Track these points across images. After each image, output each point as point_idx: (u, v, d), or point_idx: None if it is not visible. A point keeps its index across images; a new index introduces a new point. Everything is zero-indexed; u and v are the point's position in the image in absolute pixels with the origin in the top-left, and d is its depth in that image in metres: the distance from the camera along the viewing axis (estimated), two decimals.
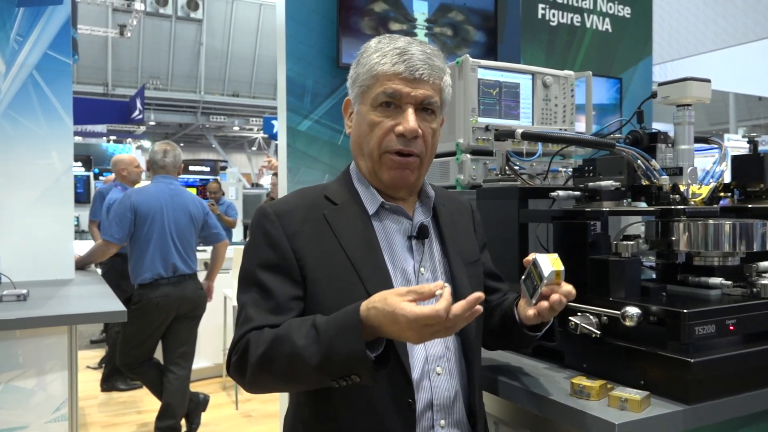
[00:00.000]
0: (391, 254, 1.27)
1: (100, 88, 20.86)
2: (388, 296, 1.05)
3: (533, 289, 1.22)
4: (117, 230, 3.49)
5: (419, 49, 1.25)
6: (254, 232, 1.27)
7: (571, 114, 2.32)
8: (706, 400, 1.26)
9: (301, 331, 1.11)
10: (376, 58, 1.25)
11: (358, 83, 1.28)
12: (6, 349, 2.23)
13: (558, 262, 1.19)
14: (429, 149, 1.29)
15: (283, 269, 1.22)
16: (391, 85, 1.23)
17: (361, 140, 1.29)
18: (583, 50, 4.69)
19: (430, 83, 1.25)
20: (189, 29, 21.37)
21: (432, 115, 1.28)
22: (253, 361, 1.14)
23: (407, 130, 1.23)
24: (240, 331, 1.19)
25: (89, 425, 4.24)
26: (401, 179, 1.27)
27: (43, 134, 3.22)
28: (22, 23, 3.18)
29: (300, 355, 1.08)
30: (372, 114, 1.25)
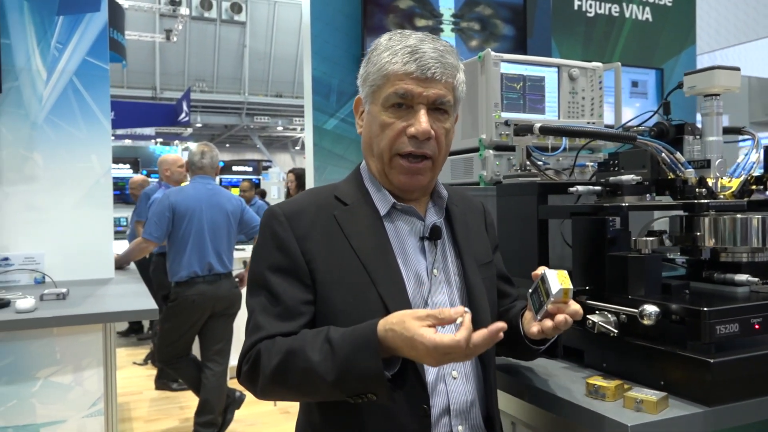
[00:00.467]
0: (404, 256, 1.25)
1: (149, 92, 21.39)
2: (406, 320, 1.03)
3: (539, 304, 1.19)
4: (155, 229, 3.59)
5: (431, 46, 1.21)
6: (263, 235, 1.25)
7: (599, 107, 2.26)
8: (727, 402, 1.21)
9: (315, 344, 1.10)
10: (386, 57, 1.21)
11: (368, 82, 1.25)
12: (45, 346, 2.32)
13: (567, 280, 1.16)
14: (442, 150, 1.26)
15: (293, 272, 1.20)
16: (403, 86, 1.19)
17: (372, 141, 1.26)
18: (622, 41, 4.57)
19: (443, 82, 1.21)
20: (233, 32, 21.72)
21: (445, 115, 1.24)
22: (267, 373, 1.13)
23: (419, 132, 1.19)
24: (250, 340, 1.18)
25: (133, 420, 4.36)
26: (412, 183, 1.25)
27: (83, 138, 3.33)
28: (62, 31, 3.29)
29: (315, 371, 1.08)
30: (383, 114, 1.22)
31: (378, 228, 1.25)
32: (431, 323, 1.01)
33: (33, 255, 3.14)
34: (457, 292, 1.29)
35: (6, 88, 3.13)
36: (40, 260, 3.14)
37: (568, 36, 4.29)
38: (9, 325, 2.22)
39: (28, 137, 3.21)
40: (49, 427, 2.30)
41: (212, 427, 3.83)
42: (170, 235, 3.66)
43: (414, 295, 1.22)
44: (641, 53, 4.61)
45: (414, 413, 1.16)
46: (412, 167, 1.23)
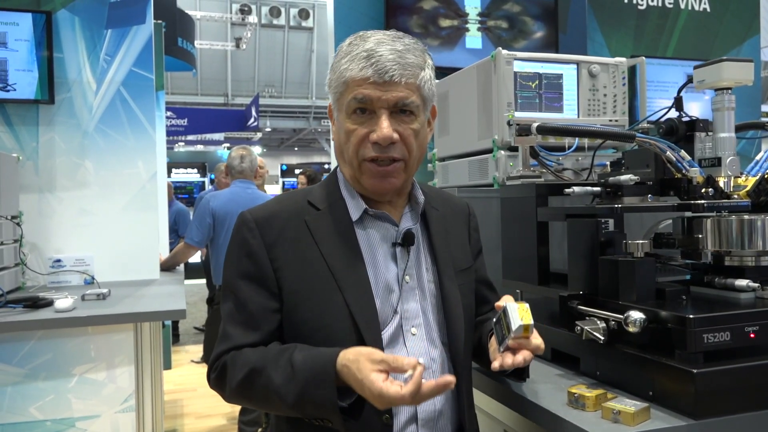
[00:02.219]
0: (374, 263, 1.23)
1: (221, 99, 22.12)
2: (361, 359, 1.03)
3: (502, 336, 1.16)
4: (196, 233, 3.70)
5: (389, 48, 1.17)
6: (234, 241, 1.26)
7: (623, 104, 2.18)
8: (714, 415, 1.14)
9: (278, 365, 1.11)
10: (344, 63, 1.19)
11: (332, 89, 1.24)
12: (81, 344, 2.44)
13: (527, 314, 1.12)
14: (413, 151, 1.22)
15: (260, 280, 1.20)
16: (361, 91, 1.16)
17: (342, 148, 1.25)
18: (677, 33, 4.37)
19: (403, 84, 1.17)
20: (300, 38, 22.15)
21: (411, 116, 1.20)
22: (233, 386, 1.16)
23: (381, 138, 1.16)
24: (218, 349, 1.21)
25: (185, 415, 4.52)
26: (384, 186, 1.22)
27: (130, 145, 3.47)
28: (110, 44, 3.45)
29: (276, 392, 1.10)
30: (347, 122, 1.20)
31: (348, 234, 1.23)
32: (383, 368, 1.01)
33: (83, 257, 3.31)
34: (431, 299, 1.26)
35: (59, 99, 3.31)
36: (89, 262, 3.30)
37: (618, 30, 4.13)
38: (48, 323, 2.35)
39: (79, 145, 3.38)
40: (85, 422, 2.41)
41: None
42: (212, 239, 3.76)
43: (383, 303, 1.20)
44: (698, 46, 4.38)
45: (373, 423, 1.14)
46: (381, 170, 1.20)
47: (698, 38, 4.39)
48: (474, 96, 2.19)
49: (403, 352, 1.20)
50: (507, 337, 1.13)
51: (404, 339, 1.22)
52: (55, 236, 3.31)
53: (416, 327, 1.23)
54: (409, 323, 1.23)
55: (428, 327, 1.25)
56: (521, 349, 1.13)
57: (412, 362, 0.99)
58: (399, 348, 1.21)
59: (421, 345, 1.22)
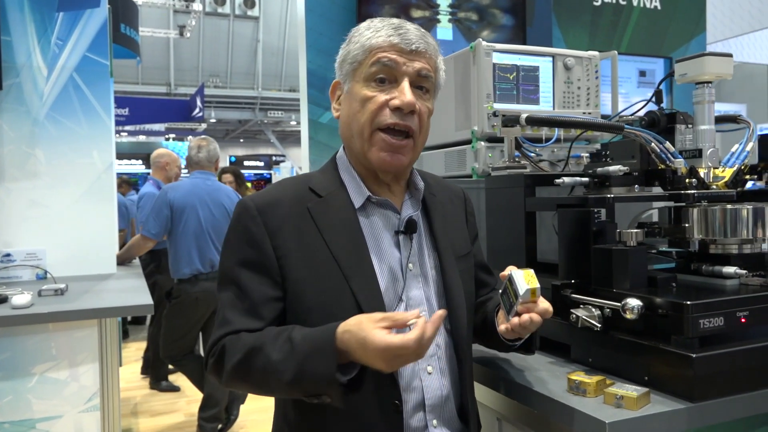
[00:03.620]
0: (378, 250, 1.22)
1: (164, 88, 21.54)
2: (363, 320, 1.03)
3: (509, 305, 1.18)
4: (153, 225, 3.58)
5: (414, 26, 1.22)
6: (235, 228, 1.22)
7: (596, 96, 2.22)
8: (711, 398, 1.17)
9: (276, 343, 1.09)
10: (369, 34, 1.20)
11: (348, 61, 1.22)
12: (41, 341, 2.33)
13: (533, 279, 1.15)
14: (423, 129, 1.23)
15: (263, 268, 1.18)
16: (387, 55, 1.17)
17: (351, 119, 1.22)
18: (630, 29, 4.50)
19: (427, 57, 1.20)
20: (246, 27, 21.78)
21: (427, 94, 1.23)
22: (229, 368, 1.13)
23: (404, 103, 1.16)
24: (216, 334, 1.18)
25: (139, 414, 4.40)
26: (393, 162, 1.21)
27: (84, 134, 3.33)
28: (62, 27, 3.29)
29: (274, 370, 1.08)
30: (365, 89, 1.19)
31: (352, 222, 1.22)
32: (386, 325, 1.01)
33: (35, 251, 3.16)
34: (434, 286, 1.27)
35: (7, 85, 3.14)
36: (41, 256, 3.16)
37: (574, 25, 4.23)
38: (5, 321, 2.23)
39: (29, 134, 3.22)
40: (46, 423, 2.31)
41: (216, 421, 3.84)
42: (170, 231, 3.65)
43: (387, 290, 1.20)
44: (649, 42, 4.53)
45: (385, 410, 1.15)
46: (395, 143, 1.19)
47: (650, 35, 4.54)
48: (451, 87, 2.19)
49: None
50: (515, 304, 1.15)
51: (409, 327, 1.21)
52: (3, 229, 3.15)
53: (421, 314, 1.23)
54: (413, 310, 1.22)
55: (432, 314, 1.24)
56: (529, 312, 1.15)
57: (414, 313, 1.02)
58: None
59: None
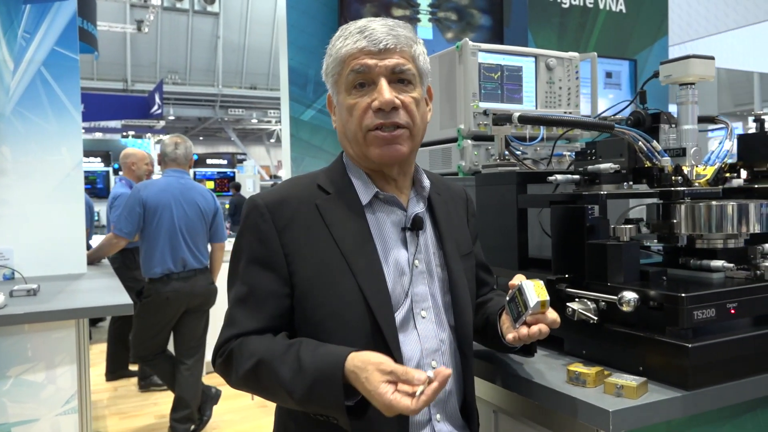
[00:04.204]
0: (384, 246, 1.24)
1: (120, 84, 21.04)
2: (369, 369, 1.02)
3: (517, 314, 1.20)
4: (126, 224, 3.51)
5: (380, 23, 1.21)
6: (244, 225, 1.23)
7: (576, 97, 2.27)
8: (705, 386, 1.23)
9: (286, 359, 1.11)
10: (339, 44, 1.21)
11: (330, 74, 1.25)
12: (16, 343, 2.26)
13: (543, 291, 1.17)
14: (416, 120, 1.23)
15: (271, 265, 1.19)
16: (358, 61, 1.18)
17: (345, 128, 1.24)
18: (597, 32, 4.61)
19: (398, 51, 1.19)
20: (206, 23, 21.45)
21: (410, 85, 1.22)
22: (239, 374, 1.15)
23: (383, 102, 1.17)
24: (225, 335, 1.20)
25: (107, 417, 4.30)
26: (391, 155, 1.22)
27: (53, 130, 3.25)
28: (29, 20, 3.20)
29: (282, 386, 1.10)
30: (348, 98, 1.21)
31: (359, 218, 1.23)
32: (392, 379, 1.01)
33: (2, 250, 3.07)
34: (438, 283, 1.29)
35: None
36: (9, 256, 3.07)
37: (544, 26, 4.31)
38: None
39: None
40: (22, 427, 2.24)
41: (188, 422, 3.79)
42: (142, 230, 3.58)
43: (394, 287, 1.21)
44: (615, 44, 4.65)
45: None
46: (387, 136, 1.20)
47: (615, 37, 4.65)
48: (436, 86, 2.21)
49: (414, 335, 1.22)
50: (524, 314, 1.17)
51: (415, 322, 1.23)
52: None
53: (425, 310, 1.25)
54: (419, 306, 1.24)
55: (437, 310, 1.27)
56: (538, 323, 1.18)
57: (422, 377, 0.99)
58: (410, 331, 1.22)
59: (430, 328, 1.24)
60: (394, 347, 1.16)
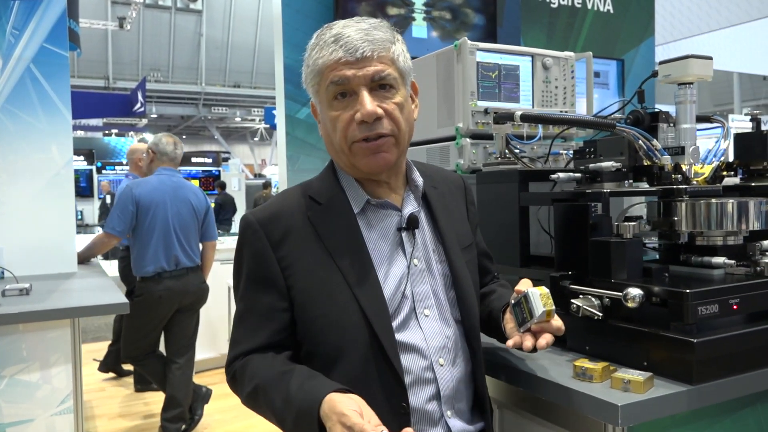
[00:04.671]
0: (380, 252, 1.24)
1: (101, 82, 20.84)
2: (333, 418, 1.02)
3: (522, 319, 1.22)
4: (118, 223, 3.48)
5: (355, 28, 1.18)
6: (240, 243, 1.26)
7: (572, 96, 2.30)
8: (710, 380, 1.25)
9: (280, 388, 1.13)
10: (315, 54, 1.19)
11: (310, 85, 1.23)
12: (10, 343, 2.24)
13: (549, 301, 1.19)
14: (401, 126, 1.22)
15: (268, 281, 1.21)
16: (336, 73, 1.16)
17: (331, 139, 1.24)
18: (585, 32, 4.66)
19: (376, 58, 1.16)
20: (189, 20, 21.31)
21: (392, 90, 1.20)
22: (243, 396, 1.21)
23: (365, 115, 1.16)
24: (230, 355, 1.25)
25: (96, 417, 4.26)
26: (377, 164, 1.21)
27: (43, 128, 3.22)
28: (18, 16, 3.16)
29: (275, 414, 1.14)
30: (330, 111, 1.20)
31: (352, 227, 1.24)
32: None
33: None
34: (440, 279, 1.29)
35: None
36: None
37: (533, 26, 4.34)
38: None
39: None
40: (17, 427, 2.22)
41: (180, 421, 3.76)
42: (134, 228, 3.56)
43: (394, 290, 1.22)
44: (603, 44, 4.70)
45: (393, 412, 1.16)
46: (372, 146, 1.19)
47: (603, 37, 4.71)
48: (433, 84, 2.22)
49: (419, 335, 1.23)
50: (528, 321, 1.19)
51: (418, 321, 1.24)
52: None
53: (428, 308, 1.26)
54: (421, 305, 1.25)
55: (440, 307, 1.28)
56: (543, 332, 1.20)
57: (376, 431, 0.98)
58: (414, 330, 1.23)
59: (434, 325, 1.25)
60: (392, 353, 1.17)
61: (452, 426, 1.23)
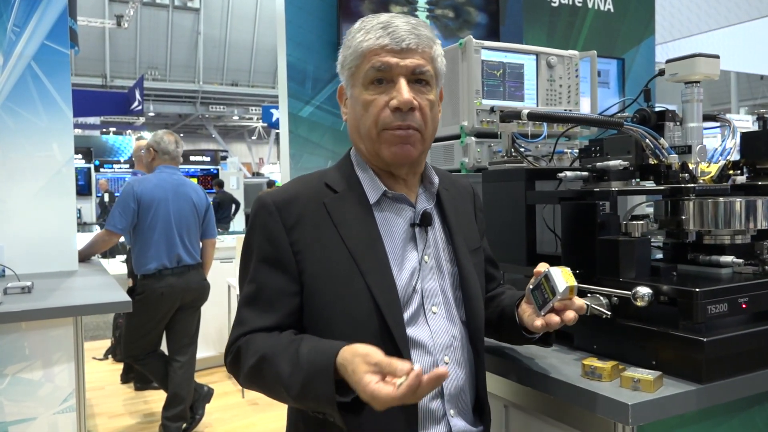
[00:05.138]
0: (393, 244, 1.24)
1: (99, 80, 20.78)
2: (356, 360, 1.01)
3: (543, 301, 1.21)
4: (119, 220, 3.47)
5: (403, 20, 1.21)
6: (253, 224, 1.24)
7: (576, 94, 2.30)
8: (719, 379, 1.25)
9: (287, 354, 1.11)
10: (360, 36, 1.21)
11: (347, 65, 1.24)
12: (12, 341, 2.23)
13: (571, 277, 1.18)
14: (429, 123, 1.23)
15: (280, 264, 1.19)
16: (379, 58, 1.18)
17: (359, 123, 1.24)
18: (585, 31, 4.65)
19: (419, 52, 1.19)
20: (186, 18, 21.26)
21: (427, 86, 1.22)
22: (245, 371, 1.16)
23: (401, 102, 1.17)
24: (234, 333, 1.21)
25: (96, 416, 4.26)
26: (403, 155, 1.22)
27: (44, 126, 3.20)
28: (19, 13, 3.15)
29: (282, 382, 1.10)
30: (365, 93, 1.21)
31: (367, 216, 1.23)
32: (376, 371, 0.99)
33: None
34: (449, 278, 1.29)
35: None
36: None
37: (534, 25, 4.34)
38: None
39: None
40: (19, 425, 2.21)
41: (181, 420, 3.76)
42: (136, 226, 3.55)
43: (404, 283, 1.21)
44: (603, 43, 4.69)
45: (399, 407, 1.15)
46: (402, 134, 1.20)
47: (604, 36, 4.70)
48: None
49: (426, 331, 1.22)
50: (551, 300, 1.18)
51: (426, 317, 1.24)
52: None
53: (436, 306, 1.25)
54: (429, 302, 1.25)
55: (448, 305, 1.27)
56: (566, 309, 1.18)
57: (405, 368, 0.96)
58: (421, 326, 1.22)
59: (441, 323, 1.25)
60: (403, 345, 1.16)
61: (454, 425, 1.23)
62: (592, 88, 2.43)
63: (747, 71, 12.45)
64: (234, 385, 4.79)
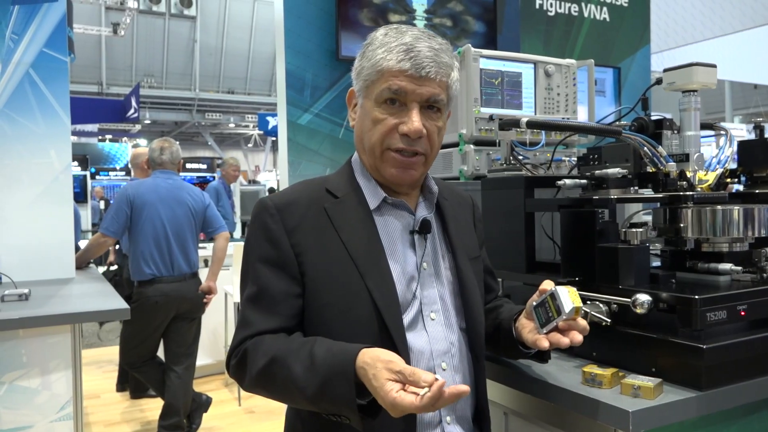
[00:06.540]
0: (392, 250, 1.25)
1: (95, 87, 20.75)
2: (378, 366, 1.01)
3: (546, 319, 1.21)
4: (112, 223, 3.47)
5: (427, 45, 1.19)
6: (254, 226, 1.24)
7: (573, 103, 2.31)
8: (718, 386, 1.26)
9: (300, 355, 1.10)
10: (381, 53, 1.20)
11: (362, 76, 1.24)
12: (9, 349, 2.22)
13: (578, 298, 1.19)
14: (434, 147, 1.25)
15: (282, 265, 1.20)
16: (397, 82, 1.18)
17: (364, 135, 1.25)
18: (581, 40, 4.68)
19: (437, 81, 1.19)
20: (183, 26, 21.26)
21: (438, 113, 1.23)
22: (253, 374, 1.15)
23: (411, 131, 1.18)
24: (239, 336, 1.20)
25: (92, 424, 4.23)
26: (404, 178, 1.24)
27: (41, 133, 3.20)
28: (17, 21, 3.16)
29: (295, 383, 1.09)
30: (376, 110, 1.21)
31: (368, 221, 1.24)
32: (399, 378, 0.99)
33: None
34: (448, 285, 1.30)
35: None
36: None
37: (530, 34, 4.36)
38: None
39: None
40: None
41: (177, 429, 3.74)
42: (130, 230, 3.54)
43: (403, 289, 1.22)
44: (599, 52, 4.72)
45: None
46: (405, 161, 1.22)
47: (599, 45, 4.73)
48: None
49: (424, 337, 1.23)
50: (555, 319, 1.18)
51: (424, 324, 1.24)
52: None
53: (435, 312, 1.26)
54: (428, 308, 1.25)
55: (446, 312, 1.28)
56: (570, 330, 1.19)
57: (429, 378, 0.96)
58: (419, 332, 1.23)
59: (439, 330, 1.25)
60: (402, 349, 1.17)
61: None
62: (589, 97, 2.45)
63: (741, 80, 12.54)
64: (231, 393, 4.77)
